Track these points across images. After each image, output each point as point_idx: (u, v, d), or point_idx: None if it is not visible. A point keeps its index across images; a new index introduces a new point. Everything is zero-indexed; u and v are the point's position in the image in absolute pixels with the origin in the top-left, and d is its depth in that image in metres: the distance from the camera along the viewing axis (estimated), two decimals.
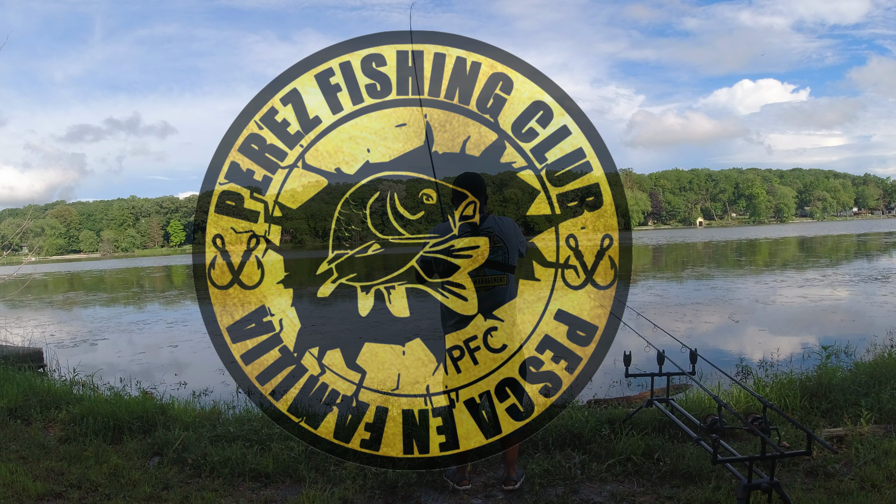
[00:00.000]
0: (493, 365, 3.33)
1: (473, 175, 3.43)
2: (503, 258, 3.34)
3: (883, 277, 16.66)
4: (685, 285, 17.38)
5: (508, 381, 3.37)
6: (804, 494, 3.25)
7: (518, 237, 3.45)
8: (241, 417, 4.94)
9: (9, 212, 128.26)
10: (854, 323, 10.02)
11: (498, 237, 3.34)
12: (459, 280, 3.30)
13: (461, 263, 3.29)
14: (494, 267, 3.31)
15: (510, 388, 3.37)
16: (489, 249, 3.29)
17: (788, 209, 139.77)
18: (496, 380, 3.36)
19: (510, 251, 3.37)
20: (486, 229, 3.34)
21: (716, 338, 9.49)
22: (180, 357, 9.95)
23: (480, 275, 3.30)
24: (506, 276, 3.35)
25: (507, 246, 3.36)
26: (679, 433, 4.01)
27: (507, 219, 3.44)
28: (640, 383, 6.16)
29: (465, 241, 3.31)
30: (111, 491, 3.63)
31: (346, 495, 3.46)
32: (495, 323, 3.31)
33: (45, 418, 5.11)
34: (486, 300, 3.31)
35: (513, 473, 3.55)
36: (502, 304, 3.33)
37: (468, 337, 3.31)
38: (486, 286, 3.30)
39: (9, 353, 7.85)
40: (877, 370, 5.03)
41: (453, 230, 3.32)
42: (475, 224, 3.34)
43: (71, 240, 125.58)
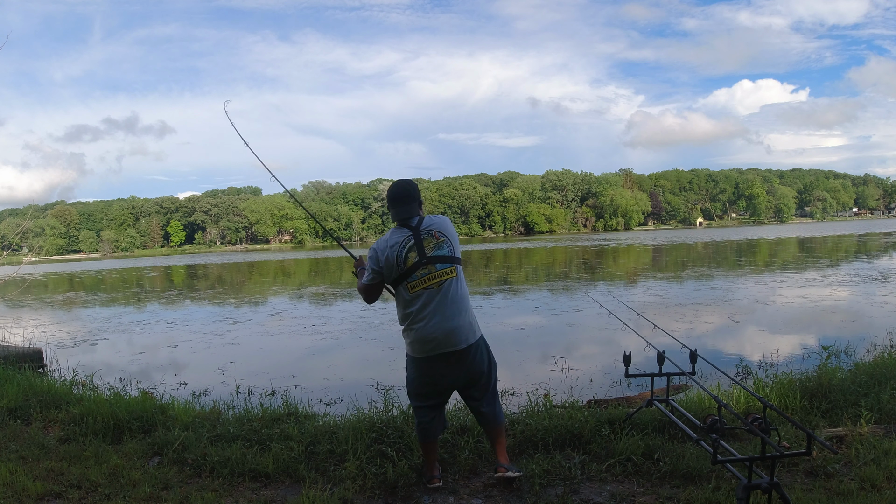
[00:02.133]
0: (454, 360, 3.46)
1: (403, 184, 3.58)
2: (449, 251, 3.46)
3: (883, 277, 16.66)
4: (685, 285, 17.38)
5: (474, 373, 3.52)
6: (804, 495, 3.25)
7: (455, 232, 3.58)
8: (241, 417, 4.94)
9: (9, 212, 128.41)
10: (854, 323, 10.02)
11: (440, 233, 3.47)
12: (412, 280, 3.43)
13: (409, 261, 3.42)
14: (443, 261, 3.43)
15: (477, 380, 3.55)
16: (434, 245, 3.43)
17: (788, 209, 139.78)
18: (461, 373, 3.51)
19: (454, 244, 3.50)
20: (426, 229, 3.46)
21: (716, 338, 9.49)
22: (180, 357, 9.95)
23: (431, 271, 3.41)
24: (454, 268, 3.46)
25: (450, 239, 3.49)
26: (679, 433, 4.01)
27: (443, 217, 3.59)
28: (640, 383, 6.16)
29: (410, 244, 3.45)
30: (111, 491, 3.63)
31: (346, 495, 3.46)
32: (455, 318, 3.42)
33: (45, 418, 5.11)
34: (441, 294, 3.41)
35: (502, 460, 3.60)
36: (456, 297, 3.43)
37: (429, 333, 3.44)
38: (438, 280, 3.41)
39: (9, 353, 7.84)
40: (877, 370, 5.03)
41: (397, 236, 3.47)
42: (414, 226, 3.47)
43: (71, 240, 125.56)
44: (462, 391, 3.63)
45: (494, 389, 3.67)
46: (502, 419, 3.70)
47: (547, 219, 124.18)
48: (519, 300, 15.78)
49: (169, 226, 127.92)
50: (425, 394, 3.55)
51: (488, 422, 3.63)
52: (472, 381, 3.55)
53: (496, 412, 3.63)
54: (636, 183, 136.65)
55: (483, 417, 3.64)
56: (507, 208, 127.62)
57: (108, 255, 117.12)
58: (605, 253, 38.68)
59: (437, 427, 3.61)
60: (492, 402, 3.62)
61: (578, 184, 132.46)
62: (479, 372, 3.54)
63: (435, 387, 3.53)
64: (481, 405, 3.60)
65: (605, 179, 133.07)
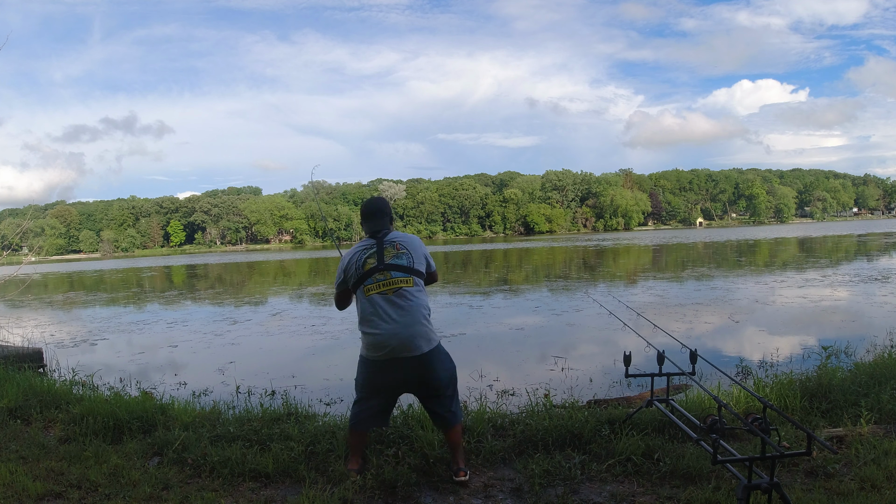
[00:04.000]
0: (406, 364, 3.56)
1: (374, 200, 3.86)
2: (408, 262, 3.63)
3: (883, 277, 16.66)
4: (685, 285, 17.38)
5: (430, 381, 3.61)
6: (804, 495, 3.25)
7: (423, 250, 3.75)
8: (240, 417, 4.94)
9: (9, 212, 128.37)
10: (854, 323, 10.02)
11: (401, 244, 3.68)
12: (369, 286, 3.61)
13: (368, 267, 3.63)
14: (399, 270, 3.60)
15: (434, 387, 3.63)
16: (393, 255, 3.62)
17: (788, 209, 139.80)
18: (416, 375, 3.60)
19: (415, 257, 3.66)
20: (389, 240, 3.69)
21: (716, 338, 9.49)
22: (180, 357, 9.94)
23: (387, 277, 3.58)
24: (411, 279, 3.61)
25: (411, 253, 3.66)
26: (679, 433, 4.01)
27: (413, 236, 3.82)
28: (640, 383, 6.16)
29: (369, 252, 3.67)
30: (111, 491, 3.63)
31: (346, 495, 3.46)
32: (410, 326, 3.53)
33: (45, 418, 5.11)
34: (396, 301, 3.54)
35: (460, 462, 3.67)
36: (411, 306, 3.54)
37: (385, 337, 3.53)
38: (393, 287, 3.56)
39: (9, 353, 7.84)
40: (877, 370, 5.03)
41: (363, 244, 3.71)
42: (380, 237, 3.69)
43: (71, 240, 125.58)
44: (418, 396, 3.74)
45: (454, 393, 3.75)
46: (460, 418, 3.76)
47: (547, 219, 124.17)
48: (519, 300, 15.78)
49: (169, 226, 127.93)
50: (367, 396, 3.68)
51: (446, 423, 3.70)
52: (429, 388, 3.64)
53: (455, 412, 3.71)
54: (636, 183, 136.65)
55: (440, 419, 3.71)
56: (507, 208, 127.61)
57: (108, 255, 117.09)
58: (605, 253, 38.68)
59: (371, 421, 3.72)
60: (450, 405, 3.70)
61: (578, 184, 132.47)
62: (436, 379, 3.62)
63: (379, 390, 3.65)
64: (440, 408, 3.68)
65: (605, 179, 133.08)
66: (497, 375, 7.41)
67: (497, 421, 4.47)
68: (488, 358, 8.60)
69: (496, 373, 7.54)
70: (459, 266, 32.52)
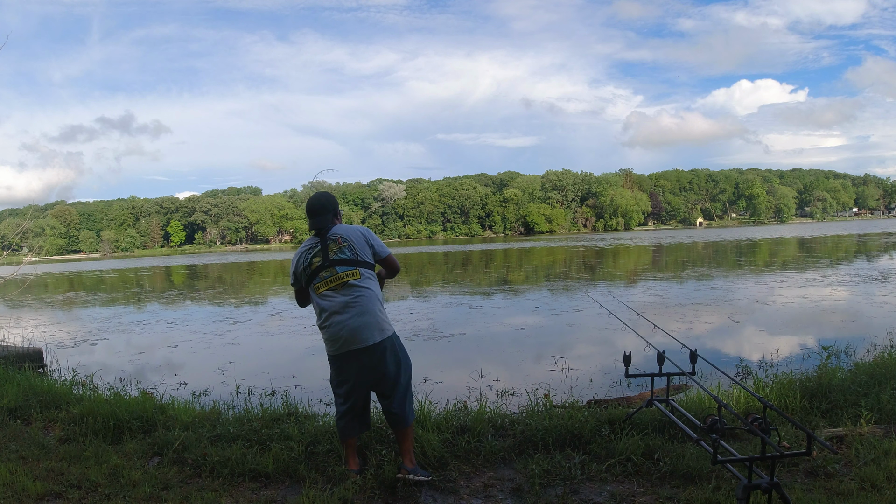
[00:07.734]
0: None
1: (317, 196, 3.86)
2: (351, 255, 3.69)
3: (883, 277, 16.66)
4: (685, 285, 17.38)
5: (381, 372, 3.65)
6: (804, 495, 3.25)
7: (366, 239, 3.79)
8: (240, 417, 4.94)
9: (9, 212, 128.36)
10: (854, 323, 10.02)
11: (342, 238, 3.72)
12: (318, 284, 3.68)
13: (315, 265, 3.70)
14: (344, 264, 3.66)
15: (384, 379, 3.67)
16: (336, 250, 3.68)
17: (788, 209, 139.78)
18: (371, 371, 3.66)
19: (358, 248, 3.72)
20: (331, 235, 3.73)
21: (715, 338, 9.49)
22: (180, 357, 9.94)
23: (333, 273, 3.65)
24: (357, 271, 3.68)
25: (354, 244, 3.71)
26: (679, 433, 4.01)
27: (354, 227, 3.85)
28: (640, 383, 6.16)
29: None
30: (111, 491, 3.63)
31: (346, 495, 3.46)
32: (360, 317, 3.60)
33: (45, 418, 5.11)
34: (344, 294, 3.62)
35: (407, 463, 3.67)
36: (360, 298, 3.62)
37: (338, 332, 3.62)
38: (340, 282, 3.63)
39: (9, 353, 7.84)
40: (877, 370, 5.02)
41: (308, 243, 3.78)
42: (323, 235, 3.74)
43: (71, 240, 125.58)
44: (376, 393, 3.77)
45: (405, 390, 3.77)
46: (411, 420, 3.77)
47: (547, 219, 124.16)
48: (519, 300, 15.78)
49: (169, 226, 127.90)
50: (342, 401, 3.72)
51: (397, 422, 3.72)
52: (379, 380, 3.67)
53: (405, 413, 3.73)
54: (636, 183, 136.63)
55: (392, 417, 3.73)
56: (507, 208, 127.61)
57: (108, 255, 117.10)
58: (605, 253, 38.68)
59: (353, 428, 3.77)
60: (402, 402, 3.72)
61: (578, 184, 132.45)
62: (385, 370, 3.66)
63: (348, 384, 3.68)
64: (391, 405, 3.70)
65: (605, 179, 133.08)
66: (497, 375, 7.41)
67: (497, 421, 4.47)
68: (488, 358, 8.60)
69: (496, 373, 7.54)
70: (459, 266, 32.52)
